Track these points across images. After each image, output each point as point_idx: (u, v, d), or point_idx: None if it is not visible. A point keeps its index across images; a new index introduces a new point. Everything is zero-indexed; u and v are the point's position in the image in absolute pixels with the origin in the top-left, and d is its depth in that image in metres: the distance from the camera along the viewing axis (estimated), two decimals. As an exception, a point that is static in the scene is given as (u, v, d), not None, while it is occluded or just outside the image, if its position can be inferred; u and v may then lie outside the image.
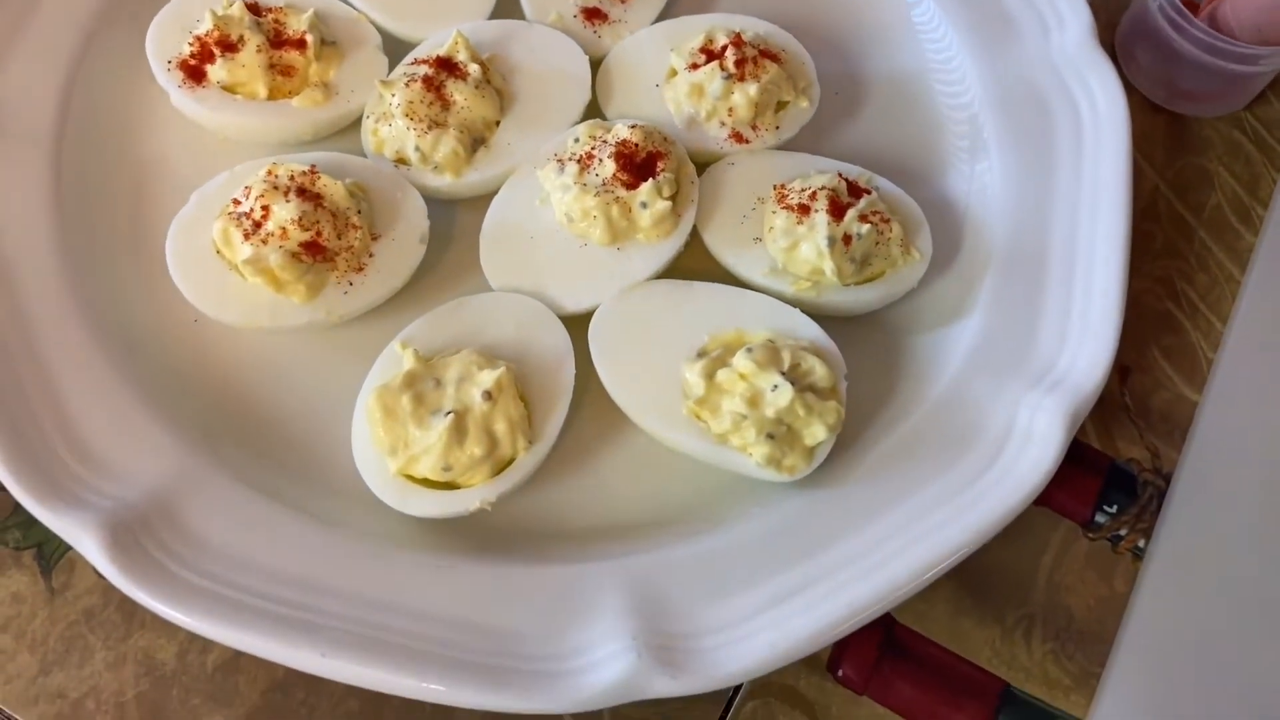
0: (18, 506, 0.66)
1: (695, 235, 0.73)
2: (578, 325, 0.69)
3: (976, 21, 0.82)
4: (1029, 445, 0.64)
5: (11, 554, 0.67)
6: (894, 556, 0.61)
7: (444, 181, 0.73)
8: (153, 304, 0.70)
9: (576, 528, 0.66)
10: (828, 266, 0.69)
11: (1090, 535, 0.72)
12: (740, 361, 0.65)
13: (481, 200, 0.74)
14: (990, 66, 0.80)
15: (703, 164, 0.76)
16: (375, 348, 0.67)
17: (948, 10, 0.84)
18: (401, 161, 0.73)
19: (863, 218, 0.70)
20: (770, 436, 0.63)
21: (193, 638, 0.64)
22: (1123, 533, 0.72)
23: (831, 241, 0.69)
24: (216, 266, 0.67)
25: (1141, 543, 0.71)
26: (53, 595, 0.66)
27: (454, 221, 0.76)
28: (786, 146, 0.77)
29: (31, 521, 0.66)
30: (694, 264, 0.74)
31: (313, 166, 0.68)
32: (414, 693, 0.56)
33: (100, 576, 0.66)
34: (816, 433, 0.64)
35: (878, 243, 0.71)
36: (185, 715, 0.62)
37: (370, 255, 0.69)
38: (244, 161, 0.72)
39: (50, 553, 0.67)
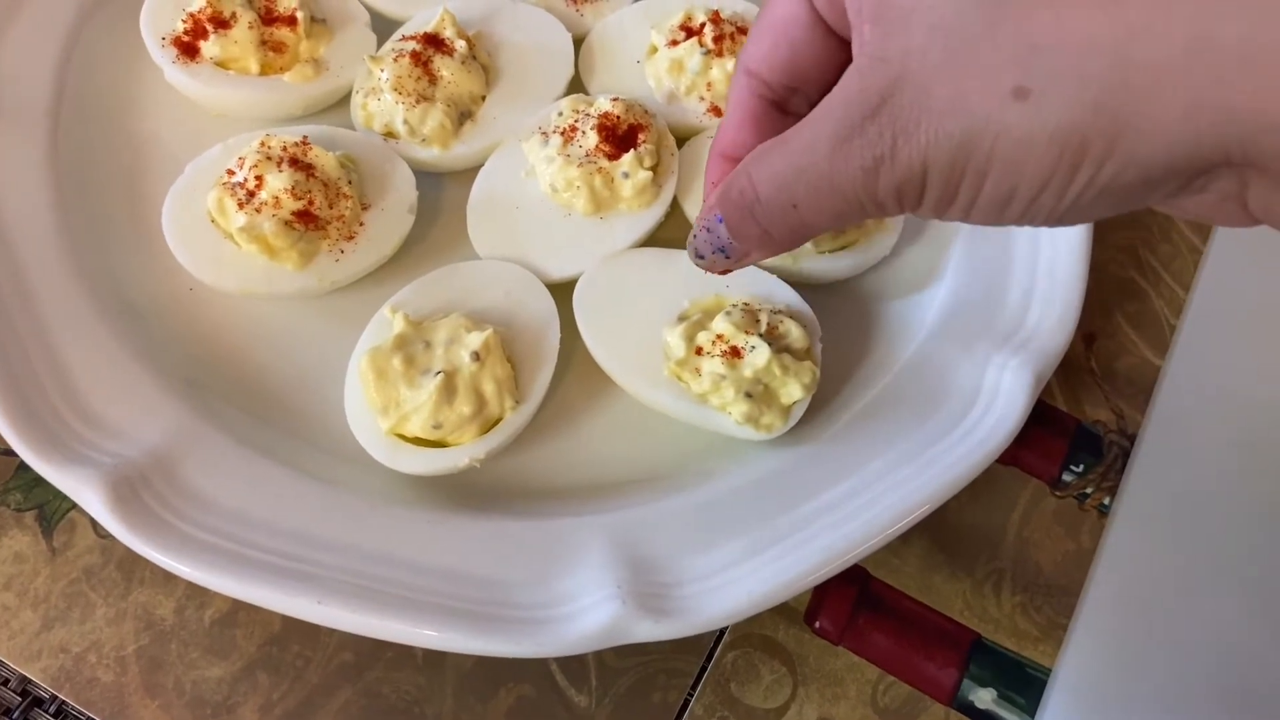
0: (19, 469, 0.69)
1: (676, 205, 0.76)
2: (563, 292, 0.72)
3: None
4: (996, 402, 0.67)
5: (13, 515, 0.69)
6: (866, 508, 0.63)
7: (431, 154, 0.75)
8: (150, 272, 0.72)
9: (562, 485, 0.68)
10: (803, 234, 0.71)
11: (1057, 494, 0.74)
12: (719, 324, 0.67)
13: (468, 173, 0.76)
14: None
15: (683, 137, 0.78)
16: (366, 313, 0.69)
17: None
18: (390, 135, 0.76)
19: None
20: (748, 395, 0.66)
21: (190, 593, 0.66)
22: (1089, 491, 0.75)
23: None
24: (212, 235, 0.69)
25: (1107, 500, 0.74)
26: (54, 554, 0.68)
27: (441, 193, 0.78)
28: (764, 120, 0.79)
29: (33, 484, 0.68)
30: (675, 233, 0.76)
31: (304, 138, 0.70)
32: (407, 638, 0.58)
33: (100, 535, 0.68)
34: (792, 391, 0.66)
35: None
36: (184, 668, 0.64)
37: (361, 224, 0.72)
38: (237, 135, 0.74)
39: (51, 514, 0.69)
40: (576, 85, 0.80)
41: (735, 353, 0.66)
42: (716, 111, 0.78)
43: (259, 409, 0.69)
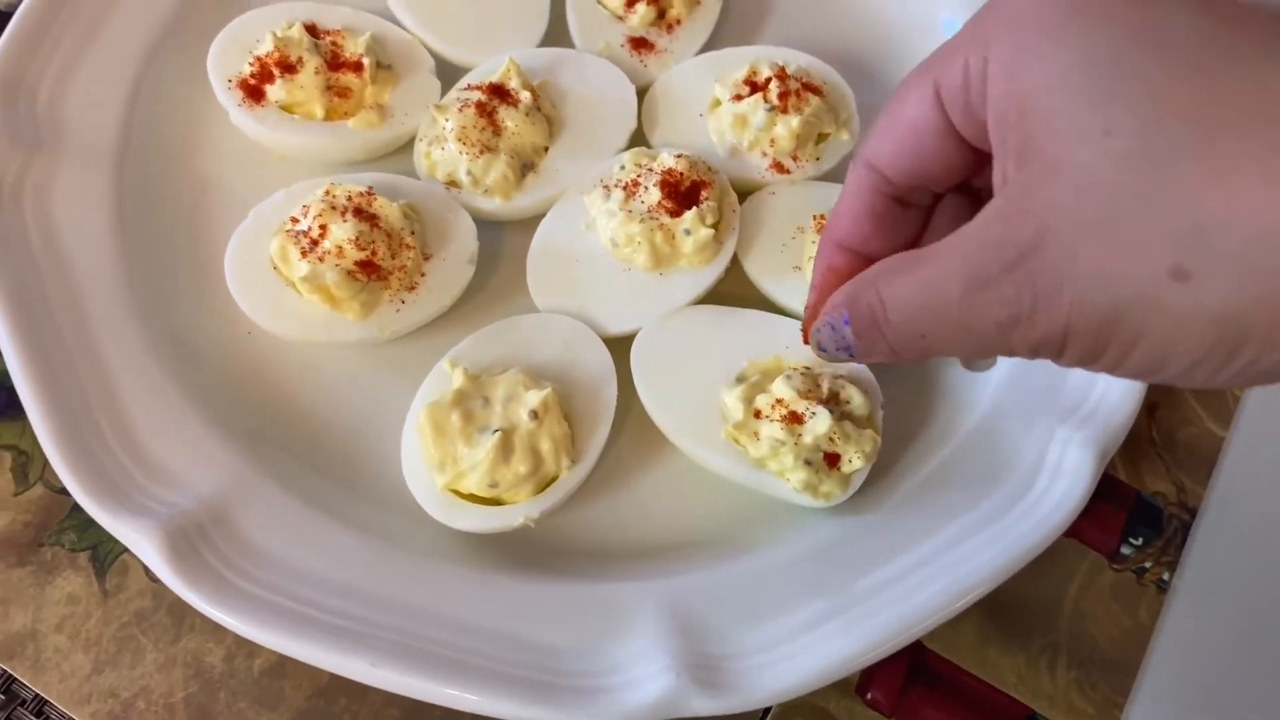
0: (74, 508, 0.69)
1: (736, 262, 0.75)
2: (620, 347, 0.71)
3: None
4: (1059, 479, 0.66)
5: (68, 555, 0.69)
6: (926, 584, 0.62)
7: (494, 204, 0.75)
8: (210, 316, 0.72)
9: (616, 546, 0.68)
10: (866, 297, 0.71)
11: (1116, 567, 0.73)
12: (779, 388, 0.66)
13: (529, 223, 0.76)
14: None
15: (744, 193, 0.77)
16: (424, 364, 0.69)
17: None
18: (453, 184, 0.75)
19: (901, 251, 0.72)
20: (807, 463, 0.65)
21: (240, 642, 0.66)
22: (1148, 565, 0.73)
23: (870, 273, 0.70)
24: (273, 282, 0.70)
25: (1166, 575, 0.73)
26: (106, 597, 0.68)
27: (502, 242, 0.78)
28: (826, 177, 0.79)
29: (87, 524, 0.68)
30: (734, 290, 0.75)
31: (369, 188, 0.70)
32: (455, 703, 0.58)
33: (152, 579, 0.68)
34: (853, 460, 0.65)
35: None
36: (232, 717, 0.64)
37: (422, 275, 0.71)
38: (300, 179, 0.74)
39: (105, 555, 0.69)
40: (638, 137, 0.80)
41: (795, 418, 0.65)
42: (779, 168, 0.77)
43: (315, 458, 0.69)
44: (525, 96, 0.75)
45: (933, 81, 0.40)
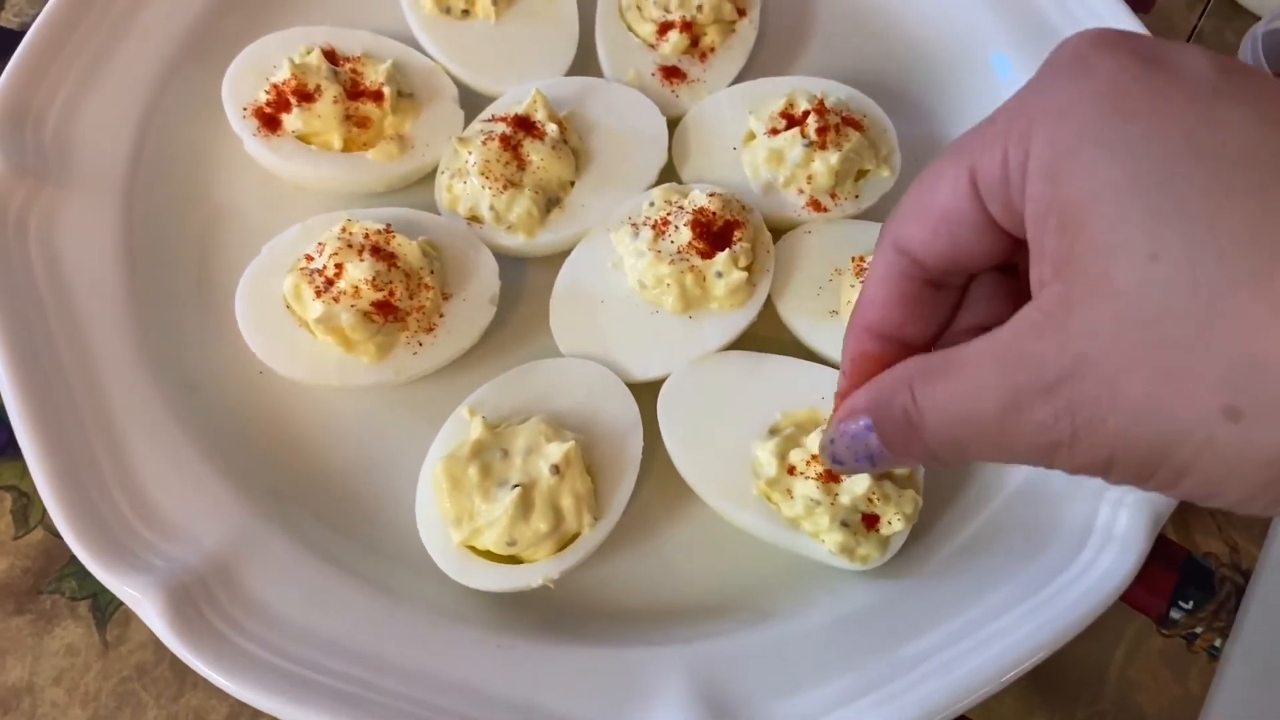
0: (75, 555, 0.66)
1: (769, 304, 0.72)
2: (646, 392, 0.68)
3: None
4: (1110, 544, 0.62)
5: (67, 604, 0.66)
6: (967, 657, 0.59)
7: (517, 241, 0.72)
8: (220, 355, 0.69)
9: (639, 607, 0.65)
10: (907, 346, 0.67)
11: (1164, 632, 0.69)
12: (815, 443, 0.63)
13: (553, 258, 0.73)
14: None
15: (779, 230, 0.74)
16: (442, 408, 0.66)
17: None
18: (475, 219, 0.72)
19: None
20: (844, 524, 0.62)
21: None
22: (1199, 630, 0.69)
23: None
24: (286, 322, 0.67)
25: (1218, 642, 0.69)
26: (106, 649, 0.65)
27: (525, 278, 0.75)
28: (866, 215, 0.75)
29: (88, 571, 0.65)
30: (767, 332, 0.72)
31: (388, 226, 0.67)
32: (470, 777, 0.55)
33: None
34: (893, 522, 0.62)
35: (958, 323, 0.69)
36: (235, 780, 0.61)
37: (441, 315, 0.68)
38: (316, 211, 0.71)
39: (106, 604, 0.66)
40: (669, 170, 0.77)
41: (832, 476, 0.62)
42: (815, 205, 0.74)
43: (324, 508, 0.66)
44: (551, 129, 0.72)
45: (969, 169, 0.37)
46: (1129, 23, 0.80)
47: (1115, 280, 0.31)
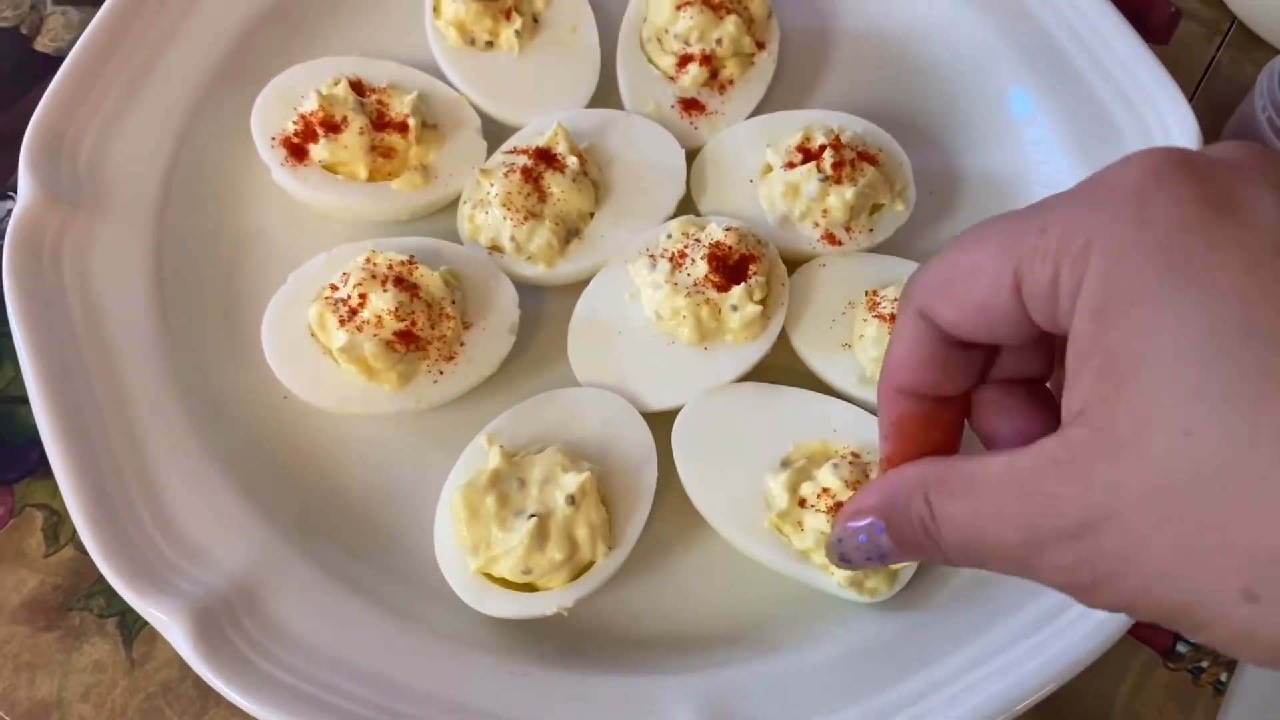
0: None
1: (784, 335, 0.73)
2: (661, 421, 0.69)
3: (1079, 126, 0.81)
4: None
5: (96, 621, 0.68)
6: (976, 689, 0.60)
7: (536, 271, 0.73)
8: (246, 381, 0.71)
9: (651, 635, 0.66)
10: (918, 381, 0.68)
11: (1170, 665, 0.70)
12: (826, 476, 0.64)
13: (572, 286, 0.74)
14: (1090, 172, 0.79)
15: (794, 263, 0.75)
16: (461, 435, 0.67)
17: (1048, 111, 0.83)
18: (496, 249, 0.74)
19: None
20: (853, 558, 0.62)
21: (266, 718, 0.65)
22: (1204, 665, 0.70)
23: (923, 356, 0.68)
24: (311, 350, 0.68)
25: (1224, 676, 0.70)
26: (133, 666, 0.67)
27: (543, 306, 0.76)
28: (880, 249, 0.76)
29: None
30: (781, 362, 0.73)
31: (411, 257, 0.68)
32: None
33: (180, 650, 0.67)
34: (901, 556, 0.63)
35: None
36: (255, 797, 0.63)
37: (461, 344, 0.70)
38: (341, 238, 0.73)
39: (133, 622, 0.68)
40: (686, 199, 0.78)
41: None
42: (830, 239, 0.75)
43: (345, 533, 0.68)
44: (572, 162, 0.73)
45: (1014, 273, 0.36)
46: (1156, 72, 0.80)
47: (1147, 447, 0.31)
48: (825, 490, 0.64)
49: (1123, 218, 0.33)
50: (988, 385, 0.44)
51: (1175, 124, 0.77)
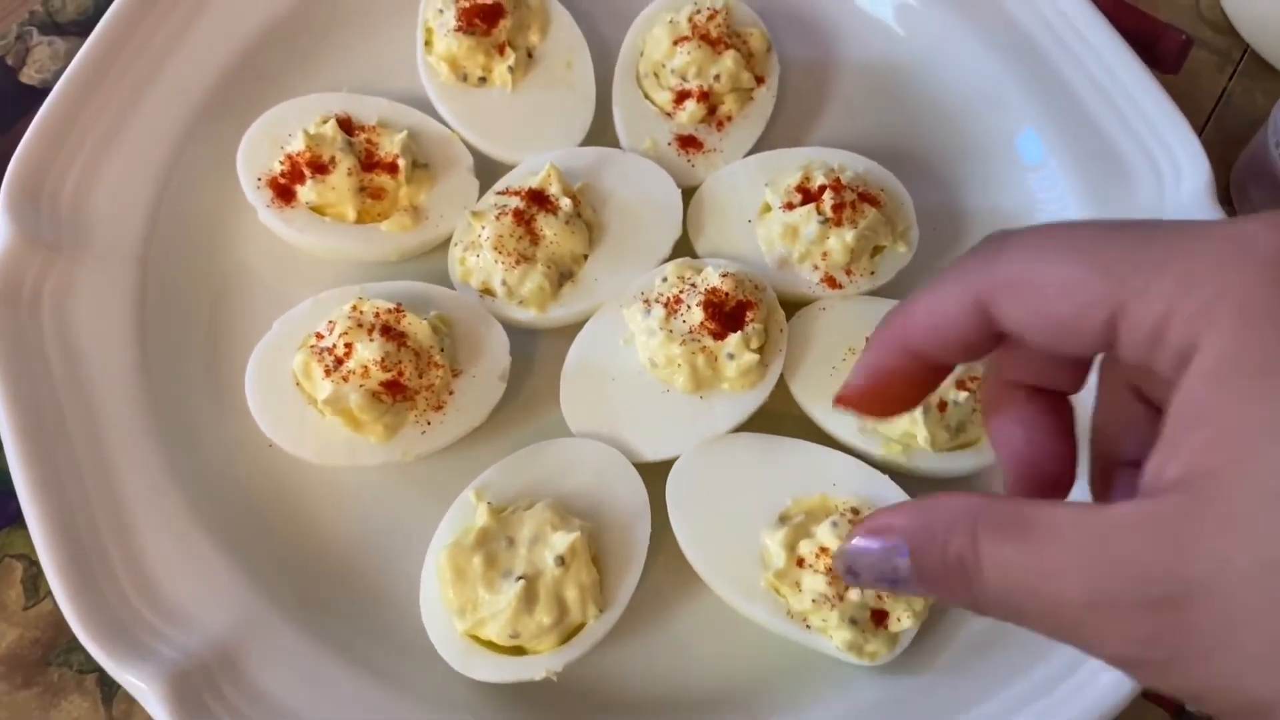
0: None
1: (782, 381, 0.71)
2: (655, 471, 0.67)
3: (1088, 164, 0.79)
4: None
5: (74, 677, 0.66)
6: (979, 757, 0.58)
7: (529, 315, 0.71)
8: (228, 429, 0.69)
9: (644, 699, 0.64)
10: (921, 433, 0.66)
11: (1182, 724, 0.68)
12: (824, 534, 0.62)
13: (565, 330, 0.72)
14: (1100, 213, 0.77)
15: (793, 306, 0.73)
16: (449, 487, 0.66)
17: (1056, 149, 0.81)
18: (487, 292, 0.72)
19: (960, 384, 0.67)
20: (853, 621, 0.61)
21: (248, 781, 0.63)
22: (1217, 723, 0.68)
23: (926, 408, 0.66)
24: (295, 400, 0.66)
25: (1236, 736, 0.67)
26: (112, 725, 0.65)
27: (535, 350, 0.74)
28: (881, 292, 0.74)
29: (95, 646, 0.66)
30: (780, 409, 0.71)
31: (398, 305, 0.67)
32: None
33: (160, 709, 0.65)
34: (902, 620, 0.61)
35: (974, 410, 0.68)
36: None
37: (450, 393, 0.68)
38: (329, 280, 0.71)
39: (112, 679, 0.65)
40: (683, 239, 0.76)
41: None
42: (831, 282, 0.73)
43: (329, 591, 0.66)
44: (565, 204, 0.71)
45: (1114, 306, 0.33)
46: (1167, 111, 0.77)
47: (1259, 526, 0.29)
48: (824, 550, 0.62)
49: (1259, 281, 0.31)
50: (1003, 383, 0.41)
51: (1186, 164, 0.75)
